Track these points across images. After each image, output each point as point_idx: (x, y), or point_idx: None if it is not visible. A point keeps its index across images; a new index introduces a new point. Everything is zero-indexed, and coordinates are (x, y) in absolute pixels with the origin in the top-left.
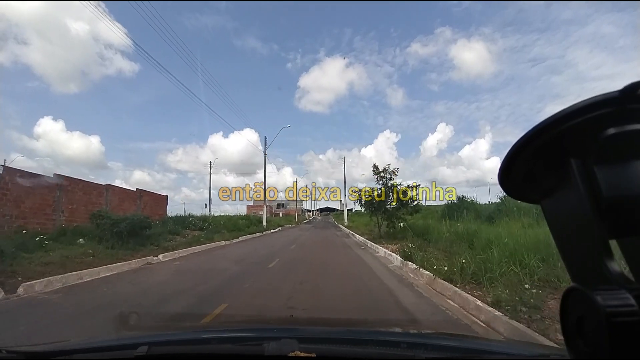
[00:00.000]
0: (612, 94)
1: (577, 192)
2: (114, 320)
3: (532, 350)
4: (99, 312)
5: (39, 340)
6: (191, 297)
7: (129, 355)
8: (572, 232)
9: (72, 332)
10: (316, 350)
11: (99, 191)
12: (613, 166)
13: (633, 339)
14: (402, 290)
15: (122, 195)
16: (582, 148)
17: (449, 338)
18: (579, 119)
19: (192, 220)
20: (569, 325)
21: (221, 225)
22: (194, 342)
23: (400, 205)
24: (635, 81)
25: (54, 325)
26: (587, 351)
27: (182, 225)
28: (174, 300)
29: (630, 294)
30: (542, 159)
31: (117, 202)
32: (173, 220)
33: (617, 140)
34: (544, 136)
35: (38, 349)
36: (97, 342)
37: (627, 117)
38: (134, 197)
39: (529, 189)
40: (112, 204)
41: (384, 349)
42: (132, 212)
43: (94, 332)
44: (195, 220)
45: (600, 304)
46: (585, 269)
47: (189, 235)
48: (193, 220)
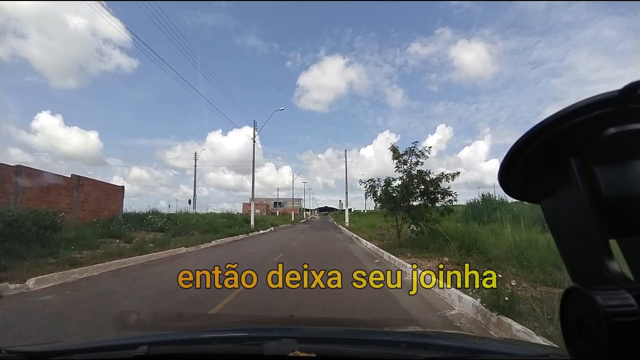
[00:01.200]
0: (612, 93)
1: (577, 192)
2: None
3: (532, 350)
4: None
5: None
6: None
7: (128, 355)
8: (572, 232)
9: None
10: (316, 350)
11: (5, 175)
12: (613, 166)
13: (633, 339)
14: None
15: (47, 183)
16: (582, 148)
17: (448, 338)
18: (579, 118)
19: (152, 218)
20: (569, 325)
21: (191, 225)
22: (194, 341)
23: (429, 202)
24: (635, 81)
25: None
26: (587, 351)
27: (138, 224)
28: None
29: (630, 294)
30: (542, 158)
31: (38, 192)
32: (128, 218)
33: (617, 139)
34: (544, 136)
35: (38, 349)
36: (97, 342)
37: (627, 117)
38: (69, 186)
39: (529, 189)
40: (28, 195)
41: (384, 349)
42: (62, 206)
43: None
44: (156, 219)
45: (600, 304)
46: (585, 269)
47: (136, 239)
48: (153, 218)
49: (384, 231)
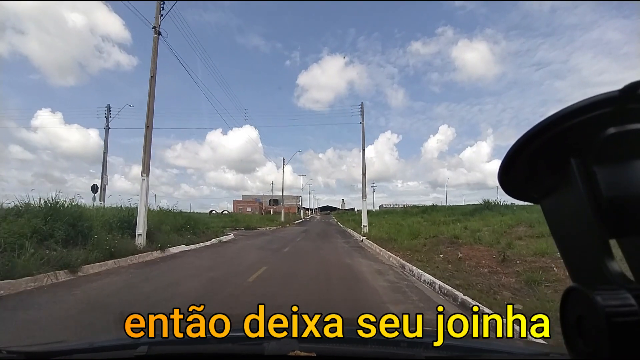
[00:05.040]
0: (612, 93)
1: (577, 192)
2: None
3: (532, 350)
4: None
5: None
6: None
7: (129, 355)
8: (572, 232)
9: None
10: (316, 349)
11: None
12: (613, 166)
13: (633, 339)
14: None
15: None
16: (582, 147)
17: (449, 337)
18: (579, 118)
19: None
20: (569, 325)
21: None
22: (194, 341)
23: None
24: (635, 81)
25: None
26: (587, 351)
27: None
28: None
29: (630, 294)
30: (542, 158)
31: None
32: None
33: (617, 139)
34: (544, 135)
35: (38, 349)
36: (97, 342)
37: (627, 117)
38: None
39: (529, 189)
40: None
41: (384, 348)
42: None
43: None
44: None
45: (600, 304)
46: (585, 269)
47: None
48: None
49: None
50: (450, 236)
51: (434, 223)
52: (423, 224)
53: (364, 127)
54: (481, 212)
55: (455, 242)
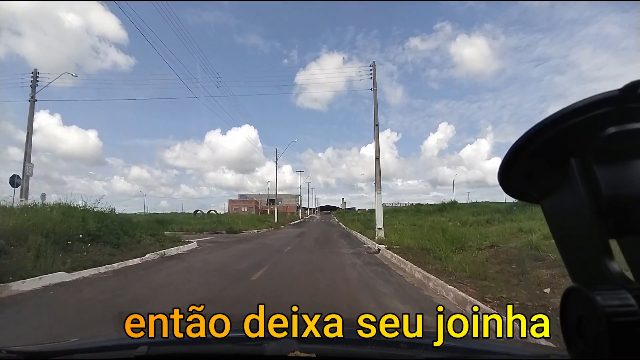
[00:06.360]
0: (612, 92)
1: (577, 192)
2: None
3: (532, 350)
4: None
5: None
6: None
7: (129, 355)
8: (572, 232)
9: None
10: (316, 350)
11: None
12: (613, 165)
13: (633, 339)
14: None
15: None
16: (582, 147)
17: (449, 337)
18: (579, 118)
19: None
20: (569, 325)
21: None
22: (194, 341)
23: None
24: (636, 80)
25: None
26: (587, 351)
27: None
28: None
29: (630, 294)
30: (542, 158)
31: None
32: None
33: (617, 139)
34: (544, 135)
35: (38, 348)
36: (97, 342)
37: (627, 116)
38: None
39: (529, 189)
40: None
41: (384, 349)
42: None
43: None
44: None
45: (600, 304)
46: (585, 269)
47: None
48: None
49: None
50: (522, 245)
51: (464, 224)
52: (450, 226)
53: (376, 95)
54: (523, 209)
55: (539, 259)
